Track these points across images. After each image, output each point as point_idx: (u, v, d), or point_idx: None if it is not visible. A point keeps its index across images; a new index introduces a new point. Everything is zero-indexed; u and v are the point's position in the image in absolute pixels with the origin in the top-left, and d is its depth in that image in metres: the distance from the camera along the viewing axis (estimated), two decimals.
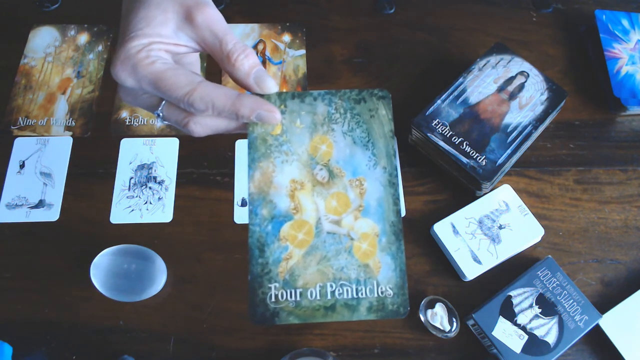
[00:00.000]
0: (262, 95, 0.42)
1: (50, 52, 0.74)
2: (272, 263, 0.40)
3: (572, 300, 0.58)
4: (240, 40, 0.42)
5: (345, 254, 0.41)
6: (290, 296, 0.40)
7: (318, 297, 0.40)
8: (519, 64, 0.67)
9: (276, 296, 0.40)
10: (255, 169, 0.42)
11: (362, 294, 0.40)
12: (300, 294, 0.40)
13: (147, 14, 0.41)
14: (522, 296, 0.58)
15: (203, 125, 0.42)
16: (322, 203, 0.42)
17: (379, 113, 0.43)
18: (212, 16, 0.41)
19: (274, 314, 0.40)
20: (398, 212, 0.42)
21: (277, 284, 0.40)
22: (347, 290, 0.40)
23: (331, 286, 0.40)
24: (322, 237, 0.41)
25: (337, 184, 0.42)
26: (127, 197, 0.65)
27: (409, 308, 0.40)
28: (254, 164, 0.42)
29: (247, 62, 0.41)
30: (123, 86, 0.42)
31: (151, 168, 0.66)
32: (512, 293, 0.58)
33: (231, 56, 0.41)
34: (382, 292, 0.40)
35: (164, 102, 0.42)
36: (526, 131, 0.63)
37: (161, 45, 0.41)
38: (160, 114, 0.43)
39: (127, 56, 0.40)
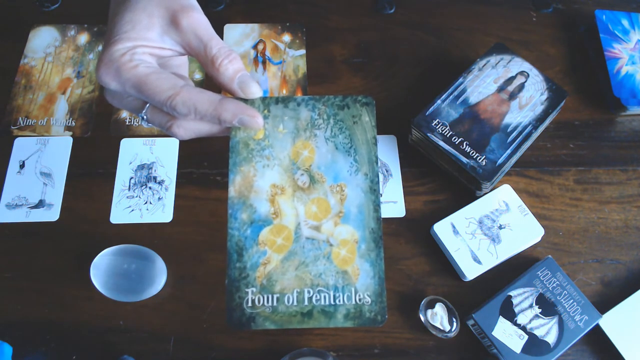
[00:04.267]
0: (245, 100, 0.42)
1: (50, 52, 0.74)
2: (249, 267, 0.40)
3: (572, 300, 0.58)
4: (226, 45, 0.42)
5: (323, 260, 0.41)
6: (267, 301, 0.40)
7: (295, 303, 0.40)
8: (519, 64, 0.67)
9: (253, 301, 0.40)
10: (237, 173, 0.42)
11: (339, 301, 0.40)
12: (277, 299, 0.40)
13: (133, 18, 0.41)
14: (522, 296, 0.58)
15: (186, 129, 0.42)
16: (302, 208, 0.42)
17: (362, 119, 0.43)
18: (198, 20, 0.42)
19: (250, 318, 0.39)
20: (378, 219, 0.41)
21: (254, 289, 0.40)
22: (324, 297, 0.40)
23: (309, 292, 0.40)
24: (301, 243, 0.41)
25: (317, 190, 0.42)
26: (127, 197, 0.65)
27: (386, 316, 0.40)
28: (235, 168, 0.42)
29: (231, 67, 0.41)
30: (107, 89, 0.43)
31: (151, 168, 0.66)
32: (512, 293, 0.58)
33: (215, 61, 0.41)
34: (359, 300, 0.40)
35: (148, 105, 0.42)
36: (526, 131, 0.63)
37: (146, 49, 0.41)
38: (145, 117, 0.43)
39: (111, 59, 0.40)
